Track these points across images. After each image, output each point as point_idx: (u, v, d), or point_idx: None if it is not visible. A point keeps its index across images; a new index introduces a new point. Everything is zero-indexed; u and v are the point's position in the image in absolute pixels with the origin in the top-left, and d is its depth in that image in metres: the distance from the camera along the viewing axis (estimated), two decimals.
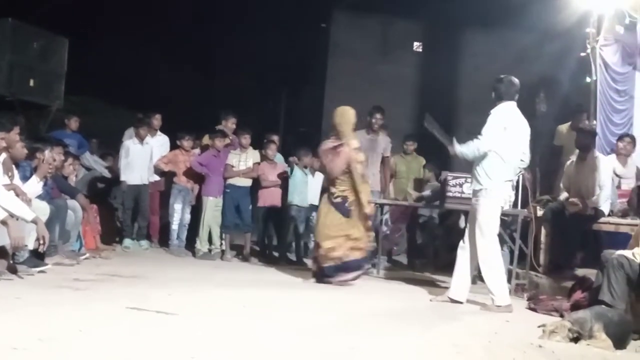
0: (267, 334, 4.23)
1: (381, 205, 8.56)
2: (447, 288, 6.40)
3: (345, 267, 7.05)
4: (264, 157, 9.31)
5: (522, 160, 6.33)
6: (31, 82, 10.45)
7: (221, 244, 9.15)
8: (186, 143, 9.46)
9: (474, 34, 13.17)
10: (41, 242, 5.91)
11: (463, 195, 7.48)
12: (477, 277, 7.28)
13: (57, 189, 7.63)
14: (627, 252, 5.47)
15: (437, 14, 13.52)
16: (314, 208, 9.62)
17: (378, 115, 8.78)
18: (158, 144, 9.74)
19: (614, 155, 8.20)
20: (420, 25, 14.93)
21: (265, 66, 16.20)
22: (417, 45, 15.31)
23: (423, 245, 9.49)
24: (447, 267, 6.43)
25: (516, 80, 6.21)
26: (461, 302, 6.21)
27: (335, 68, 15.20)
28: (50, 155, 7.10)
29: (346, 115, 7.30)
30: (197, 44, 15.90)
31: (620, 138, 8.19)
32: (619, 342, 4.66)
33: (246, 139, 9.22)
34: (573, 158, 7.85)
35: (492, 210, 6.11)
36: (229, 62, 15.97)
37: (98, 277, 6.39)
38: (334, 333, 4.37)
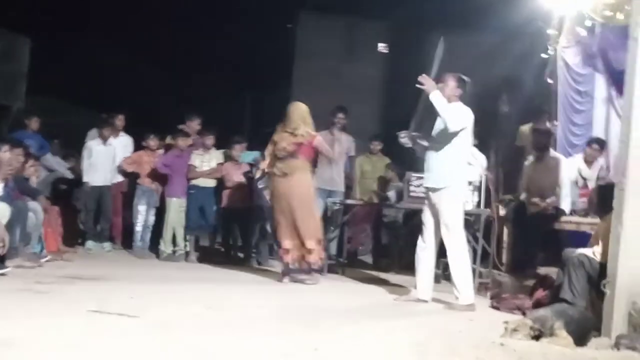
0: (229, 335, 4.20)
1: (346, 206, 8.60)
2: (411, 288, 6.42)
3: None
4: (228, 158, 9.26)
5: (469, 163, 6.42)
6: None
7: (185, 245, 9.07)
8: (152, 143, 9.38)
9: (438, 35, 13.26)
10: (1, 244, 5.83)
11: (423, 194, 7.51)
12: (441, 276, 7.37)
13: (17, 190, 7.51)
14: (587, 251, 5.56)
15: (401, 15, 13.61)
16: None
17: (340, 115, 8.82)
18: (121, 144, 9.65)
19: (580, 156, 8.31)
20: (385, 27, 15.04)
21: (231, 67, 16.15)
22: (382, 47, 15.40)
23: (388, 245, 9.53)
24: (412, 266, 6.45)
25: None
26: (426, 301, 6.25)
27: (302, 69, 15.23)
28: (10, 156, 6.99)
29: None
30: (162, 44, 15.79)
31: (589, 144, 8.25)
32: (580, 339, 4.71)
33: (210, 140, 9.15)
34: (531, 158, 7.97)
35: (457, 207, 6.16)
36: (194, 63, 15.89)
37: (60, 280, 6.30)
38: (297, 333, 4.36)
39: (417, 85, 6.12)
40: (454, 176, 6.12)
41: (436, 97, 6.06)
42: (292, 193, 7.22)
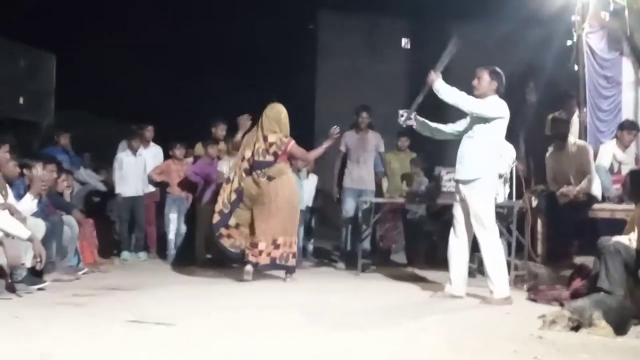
0: (266, 339, 4.22)
1: (377, 204, 8.60)
2: (445, 284, 6.40)
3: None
4: None
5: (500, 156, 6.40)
6: (20, 100, 10.45)
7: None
8: (178, 152, 9.48)
9: (459, 26, 13.12)
10: (38, 259, 5.91)
11: None
12: (476, 270, 7.33)
13: (51, 205, 7.63)
14: (623, 238, 5.49)
15: (421, 9, 13.54)
16: (310, 210, 9.63)
17: (364, 114, 8.83)
18: (151, 154, 9.75)
19: (614, 141, 8.20)
20: (406, 22, 14.97)
21: (255, 70, 16.19)
22: (404, 42, 15.34)
23: (418, 242, 9.50)
24: (445, 262, 6.43)
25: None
26: (461, 297, 6.22)
27: (325, 69, 15.23)
28: (43, 172, 7.10)
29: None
30: (184, 51, 15.89)
31: (627, 129, 8.11)
32: (619, 329, 4.67)
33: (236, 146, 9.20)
34: (550, 149, 7.90)
35: (488, 200, 6.11)
36: (217, 68, 15.95)
37: (97, 292, 6.37)
38: (330, 331, 4.38)
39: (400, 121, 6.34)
40: (485, 168, 6.08)
41: (440, 86, 6.06)
42: (288, 193, 7.35)
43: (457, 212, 6.25)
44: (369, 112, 8.90)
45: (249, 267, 7.24)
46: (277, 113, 7.54)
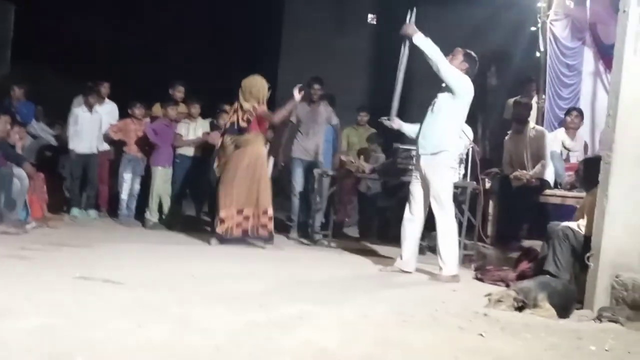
0: (214, 304, 4.21)
1: (332, 177, 8.62)
2: (395, 259, 6.46)
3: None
4: (215, 127, 9.22)
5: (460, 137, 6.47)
6: None
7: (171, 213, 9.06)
8: (138, 111, 9.31)
9: (426, 7, 13.20)
10: None
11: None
12: (426, 248, 7.41)
13: (2, 156, 7.47)
14: (572, 224, 5.60)
15: None
16: None
17: (316, 86, 8.77)
18: (106, 111, 9.57)
19: (562, 129, 8.36)
20: None
21: (219, 37, 16.00)
22: (371, 18, 15.29)
23: (372, 217, 9.57)
24: (397, 239, 6.49)
25: None
26: (410, 272, 6.28)
27: (290, 40, 15.11)
28: None
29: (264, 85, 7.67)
30: (148, 11, 15.61)
31: (569, 112, 8.34)
32: (563, 311, 4.77)
33: (195, 109, 9.13)
34: (510, 132, 8.02)
35: (448, 178, 6.19)
36: (180, 31, 15.71)
37: (45, 247, 6.29)
38: (281, 302, 4.37)
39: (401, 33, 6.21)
40: (446, 144, 6.13)
41: (420, 40, 6.05)
42: (252, 163, 7.40)
43: (415, 189, 6.29)
44: (321, 84, 8.85)
45: (213, 240, 7.41)
46: (249, 84, 7.60)
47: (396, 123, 6.52)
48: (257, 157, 7.51)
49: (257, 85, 7.59)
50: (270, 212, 7.43)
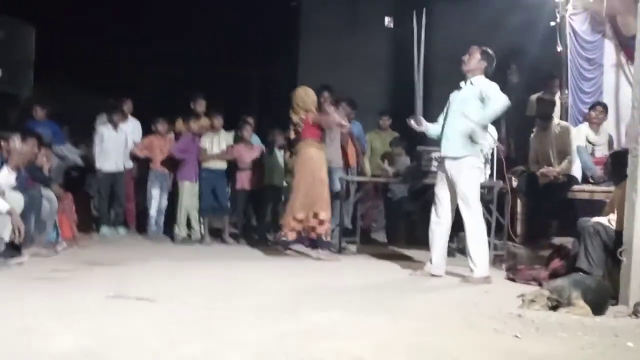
0: (246, 315, 4.22)
1: (358, 183, 8.62)
2: (425, 262, 6.44)
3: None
4: (239, 139, 9.26)
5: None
6: None
7: (200, 228, 9.11)
8: (161, 127, 9.37)
9: (443, 6, 13.14)
10: (16, 233, 5.86)
11: None
12: (456, 250, 7.37)
13: (31, 179, 7.55)
14: (602, 219, 5.55)
15: None
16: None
17: (325, 94, 8.78)
18: (130, 129, 9.64)
19: (586, 124, 8.29)
20: (390, 0, 14.89)
21: (236, 46, 16.05)
22: (387, 21, 15.27)
23: (399, 221, 9.54)
24: (425, 241, 6.46)
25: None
26: (441, 276, 6.26)
27: (307, 46, 15.12)
28: (22, 145, 7.00)
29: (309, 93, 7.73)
30: (166, 28, 15.69)
31: (593, 107, 8.28)
32: (598, 308, 4.72)
33: (218, 121, 9.15)
34: (535, 130, 7.96)
35: (475, 179, 6.15)
36: (198, 44, 15.78)
37: (76, 267, 6.33)
38: (314, 310, 4.38)
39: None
40: (471, 149, 6.11)
41: (487, 120, 6.16)
42: (303, 169, 7.45)
43: (440, 191, 6.27)
44: (330, 91, 8.85)
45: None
46: (295, 96, 7.71)
47: (423, 124, 6.49)
48: (307, 161, 7.51)
49: (300, 95, 7.67)
50: (323, 215, 7.38)
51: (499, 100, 6.03)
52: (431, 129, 6.51)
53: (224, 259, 7.51)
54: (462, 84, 6.30)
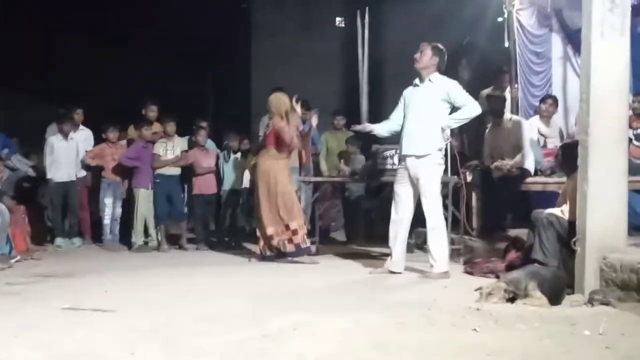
0: (206, 323, 4.18)
1: (315, 183, 8.62)
2: (384, 260, 6.47)
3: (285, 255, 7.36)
4: (194, 144, 9.19)
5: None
6: None
7: (157, 235, 9.01)
8: (112, 135, 9.26)
9: (393, 5, 13.23)
10: None
11: (394, 167, 7.50)
12: (414, 246, 7.42)
13: None
14: (555, 210, 5.64)
15: None
16: (247, 190, 9.56)
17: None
18: (82, 138, 9.52)
19: (537, 117, 8.43)
20: (341, 0, 14.93)
21: (188, 51, 15.92)
22: (339, 21, 15.30)
23: (357, 220, 9.58)
24: (384, 239, 6.50)
25: None
26: (400, 273, 6.29)
27: (259, 48, 15.06)
28: None
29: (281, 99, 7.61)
30: (113, 31, 15.48)
31: (543, 100, 8.42)
32: (554, 298, 4.79)
33: (171, 127, 9.07)
34: (489, 125, 8.07)
35: (438, 177, 6.24)
36: (148, 49, 15.61)
37: (31, 279, 6.23)
38: (273, 314, 4.35)
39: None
40: (436, 144, 6.17)
41: (450, 123, 6.28)
42: (265, 180, 7.40)
43: (400, 189, 6.31)
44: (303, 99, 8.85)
45: (253, 259, 7.61)
46: (269, 101, 7.70)
47: (367, 127, 6.57)
48: (262, 174, 7.47)
49: (273, 101, 7.61)
50: (294, 225, 7.33)
51: (473, 109, 6.19)
52: (379, 128, 6.58)
53: (182, 265, 7.43)
54: (417, 81, 6.34)
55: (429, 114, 6.17)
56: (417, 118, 6.22)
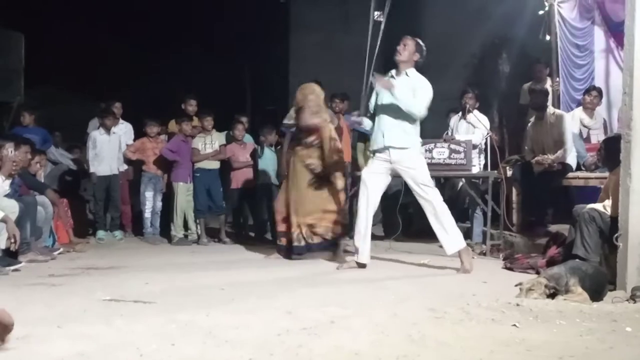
0: (244, 315, 4.21)
1: (352, 177, 8.61)
2: (425, 256, 6.46)
3: (315, 248, 7.21)
4: (232, 138, 9.26)
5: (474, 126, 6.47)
6: None
7: (196, 228, 9.10)
8: (150, 129, 9.36)
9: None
10: (12, 240, 5.86)
11: (433, 161, 7.46)
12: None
13: (25, 186, 7.54)
14: (597, 206, 5.55)
15: None
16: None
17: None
18: (122, 132, 9.63)
19: (580, 108, 8.32)
20: None
21: (226, 45, 16.01)
22: (377, 15, 15.25)
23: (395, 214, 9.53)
24: (421, 234, 6.47)
25: None
26: (365, 265, 6.33)
27: (297, 43, 15.09)
28: (15, 153, 6.99)
29: (317, 90, 7.48)
30: (154, 26, 15.64)
31: (587, 91, 8.31)
32: (596, 295, 4.73)
33: (208, 122, 9.14)
34: (532, 119, 7.97)
35: (424, 164, 6.31)
36: (188, 43, 15.74)
37: (73, 271, 6.33)
38: (310, 308, 4.37)
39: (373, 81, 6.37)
40: (414, 138, 6.23)
41: (399, 94, 6.11)
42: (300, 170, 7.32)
43: (372, 179, 6.32)
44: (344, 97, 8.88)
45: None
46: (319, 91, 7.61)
47: (364, 123, 6.59)
48: (297, 172, 7.38)
49: (310, 96, 7.47)
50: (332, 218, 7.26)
51: (414, 107, 6.09)
52: (368, 124, 6.54)
53: (221, 259, 7.48)
54: (393, 72, 6.30)
55: (401, 109, 6.17)
56: (393, 110, 6.20)
